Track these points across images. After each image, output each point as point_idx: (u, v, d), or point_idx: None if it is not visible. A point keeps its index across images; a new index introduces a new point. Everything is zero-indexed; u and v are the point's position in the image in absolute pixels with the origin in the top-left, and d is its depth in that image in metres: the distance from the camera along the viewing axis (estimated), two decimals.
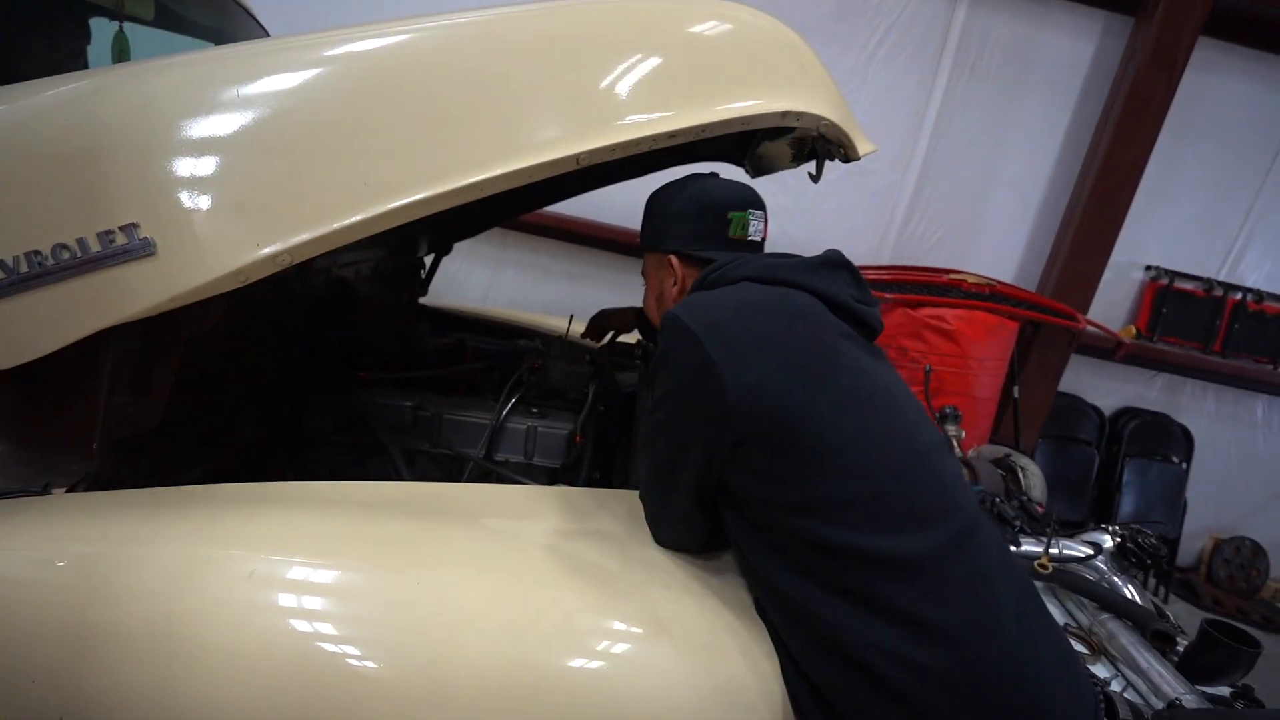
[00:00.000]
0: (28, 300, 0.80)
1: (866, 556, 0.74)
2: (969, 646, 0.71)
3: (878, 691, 0.72)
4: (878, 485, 0.76)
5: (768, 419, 0.78)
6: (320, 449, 1.51)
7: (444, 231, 2.02)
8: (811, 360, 0.81)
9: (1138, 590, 1.30)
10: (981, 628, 0.73)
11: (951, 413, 2.37)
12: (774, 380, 0.78)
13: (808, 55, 1.09)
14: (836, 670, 0.74)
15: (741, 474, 0.81)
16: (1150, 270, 3.59)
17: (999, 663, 0.72)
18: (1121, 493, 3.63)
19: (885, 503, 0.76)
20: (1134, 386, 3.76)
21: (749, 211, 1.04)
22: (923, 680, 0.70)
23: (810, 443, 0.77)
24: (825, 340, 0.84)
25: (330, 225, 0.83)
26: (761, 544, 0.81)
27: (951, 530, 0.76)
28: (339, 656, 0.76)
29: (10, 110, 0.84)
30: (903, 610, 0.72)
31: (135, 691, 0.74)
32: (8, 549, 0.81)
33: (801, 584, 0.76)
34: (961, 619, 0.72)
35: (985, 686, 0.71)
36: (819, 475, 0.76)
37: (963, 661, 0.71)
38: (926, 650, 0.71)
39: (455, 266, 3.12)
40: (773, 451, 0.78)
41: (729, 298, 0.88)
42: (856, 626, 0.73)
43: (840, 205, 3.41)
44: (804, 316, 0.86)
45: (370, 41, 0.91)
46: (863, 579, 0.74)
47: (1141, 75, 3.11)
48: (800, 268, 0.93)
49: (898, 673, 0.71)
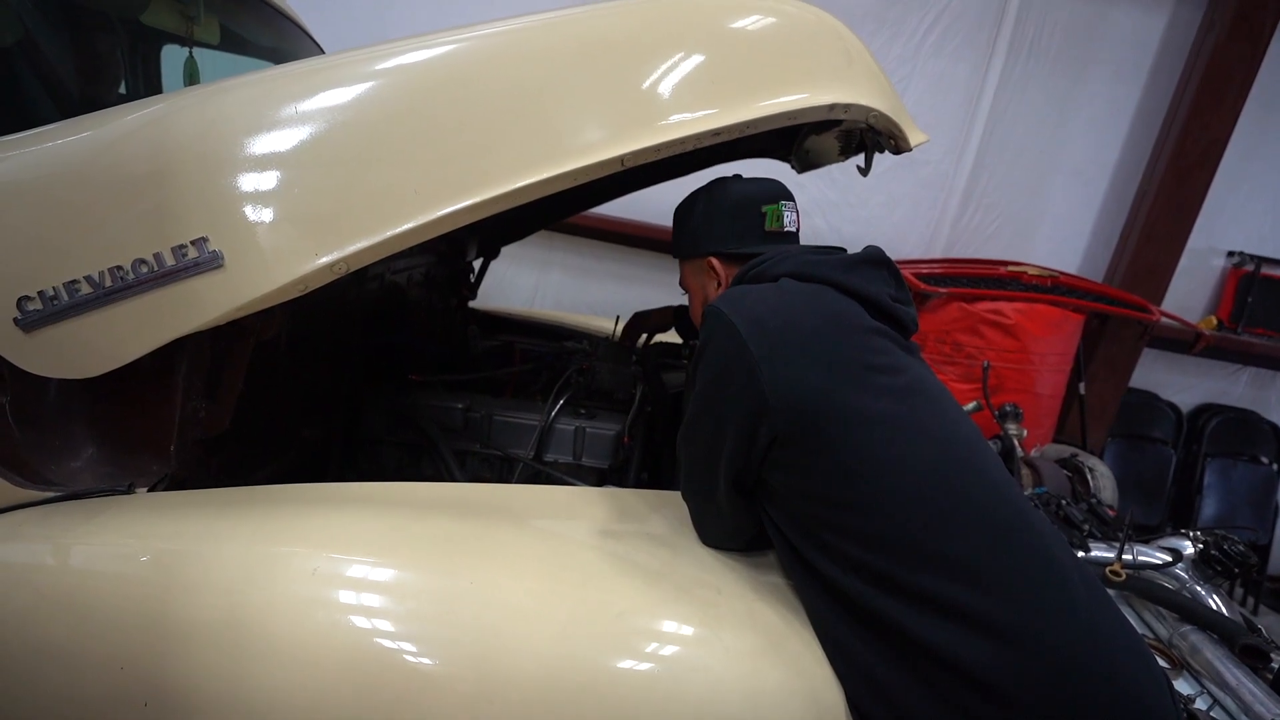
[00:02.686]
0: (112, 313, 0.85)
1: (917, 551, 0.73)
2: (1043, 637, 0.69)
3: (948, 689, 0.69)
4: (919, 482, 0.76)
5: (806, 416, 0.78)
6: (375, 449, 1.56)
7: (491, 236, 2.06)
8: (849, 359, 0.81)
9: (1223, 601, 1.21)
10: (1052, 617, 0.70)
11: (1012, 410, 2.27)
12: (812, 378, 0.78)
13: (855, 45, 1.06)
14: (902, 671, 0.72)
15: (781, 471, 0.81)
16: (1233, 256, 3.35)
17: (1077, 652, 0.69)
18: (1202, 495, 3.39)
19: (928, 499, 0.75)
20: (1215, 381, 3.51)
21: (781, 203, 1.05)
22: (995, 675, 0.68)
23: (849, 440, 0.77)
24: (862, 339, 0.84)
25: (384, 233, 0.86)
26: (805, 541, 0.80)
27: (1000, 521, 0.75)
28: (394, 652, 0.78)
29: (94, 136, 0.90)
30: (964, 605, 0.70)
31: (208, 680, 0.78)
32: (98, 544, 0.87)
33: (850, 581, 0.75)
34: (1030, 610, 0.70)
35: (1067, 678, 0.68)
36: (859, 473, 0.76)
37: (1036, 653, 0.69)
38: (993, 645, 0.69)
39: (503, 270, 3.18)
40: (812, 449, 0.78)
41: (771, 294, 0.88)
42: (918, 623, 0.71)
43: (890, 198, 3.31)
44: (842, 315, 0.86)
45: (417, 54, 0.94)
46: (917, 575, 0.72)
47: (1221, 47, 2.90)
48: (840, 265, 0.93)
49: (965, 666, 0.69)
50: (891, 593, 0.73)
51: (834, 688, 0.77)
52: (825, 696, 0.77)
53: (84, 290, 0.84)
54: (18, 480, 0.91)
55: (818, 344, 0.81)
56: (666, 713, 0.76)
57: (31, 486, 0.92)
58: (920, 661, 0.71)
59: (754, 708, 0.76)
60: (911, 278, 2.93)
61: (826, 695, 0.77)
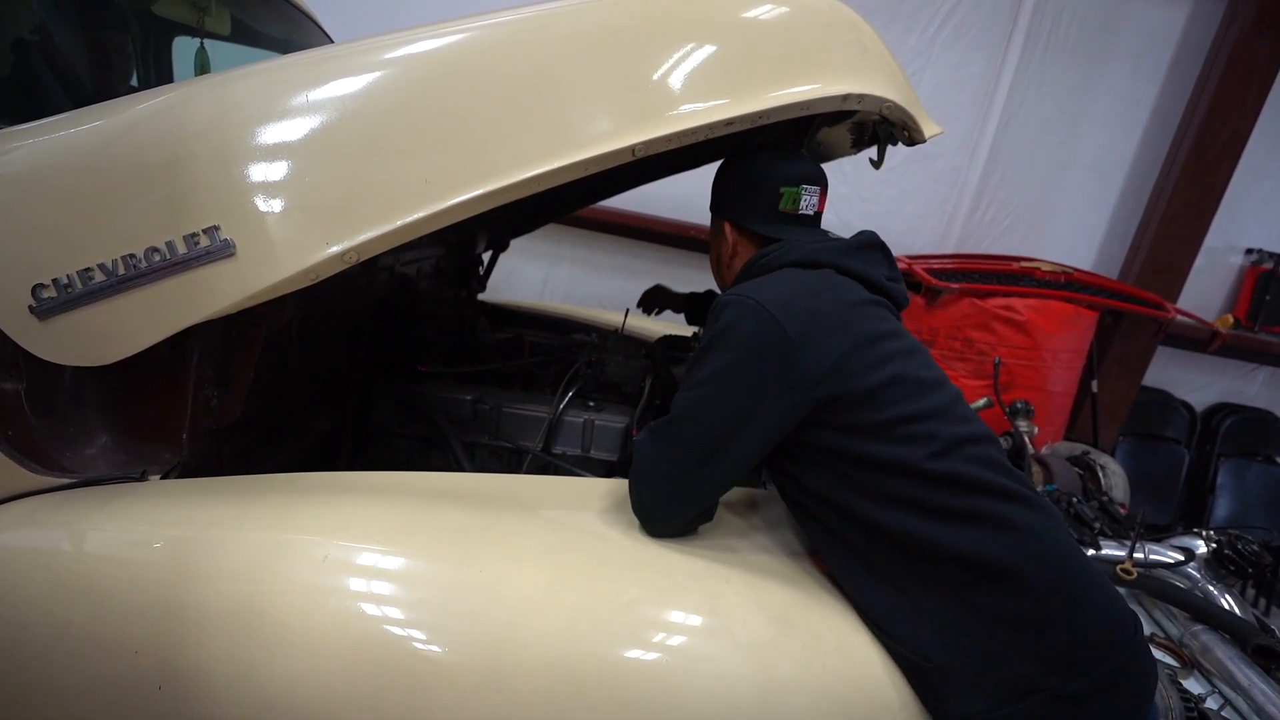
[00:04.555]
0: (125, 301, 0.86)
1: (938, 478, 0.85)
2: (1043, 531, 0.84)
3: (974, 593, 0.81)
4: (929, 422, 0.89)
5: (844, 382, 0.88)
6: (384, 440, 1.57)
7: (501, 228, 2.06)
8: (863, 331, 0.92)
9: (1236, 601, 1.20)
10: (1043, 514, 0.86)
11: (1023, 407, 2.25)
12: (841, 349, 0.89)
13: (869, 35, 1.05)
14: (935, 593, 0.83)
15: (826, 430, 0.90)
16: (1252, 254, 3.30)
17: (1067, 546, 0.86)
18: (1215, 495, 3.36)
19: (935, 435, 0.87)
20: (1231, 381, 3.47)
21: (801, 187, 1.08)
22: (1015, 562, 0.81)
23: (876, 396, 0.88)
24: (866, 311, 0.96)
25: (394, 223, 0.86)
26: (839, 486, 0.90)
27: (983, 445, 0.90)
28: (404, 640, 0.79)
29: (106, 125, 0.91)
30: (983, 510, 0.83)
31: (221, 665, 0.79)
32: (112, 530, 0.88)
33: (885, 512, 0.86)
34: (1028, 511, 0.85)
35: (1064, 565, 0.83)
36: (887, 419, 0.88)
37: (1043, 543, 0.83)
38: (1011, 538, 0.82)
39: (512, 262, 3.18)
40: (849, 405, 0.88)
41: (788, 283, 0.96)
42: (944, 533, 0.83)
43: (902, 192, 3.28)
44: (847, 294, 0.97)
45: (426, 43, 0.93)
46: (940, 495, 0.84)
47: (1245, 40, 2.85)
48: (840, 250, 1.03)
49: (990, 561, 0.81)
50: (921, 514, 0.84)
51: (843, 680, 0.77)
52: (835, 688, 0.77)
53: (98, 278, 0.85)
54: (34, 467, 0.92)
55: (839, 320, 0.91)
56: (675, 702, 0.76)
57: (47, 473, 0.93)
58: (948, 569, 0.82)
59: (763, 698, 0.76)
60: (923, 273, 2.91)
61: (836, 687, 0.77)
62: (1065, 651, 0.79)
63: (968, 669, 0.79)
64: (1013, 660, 0.78)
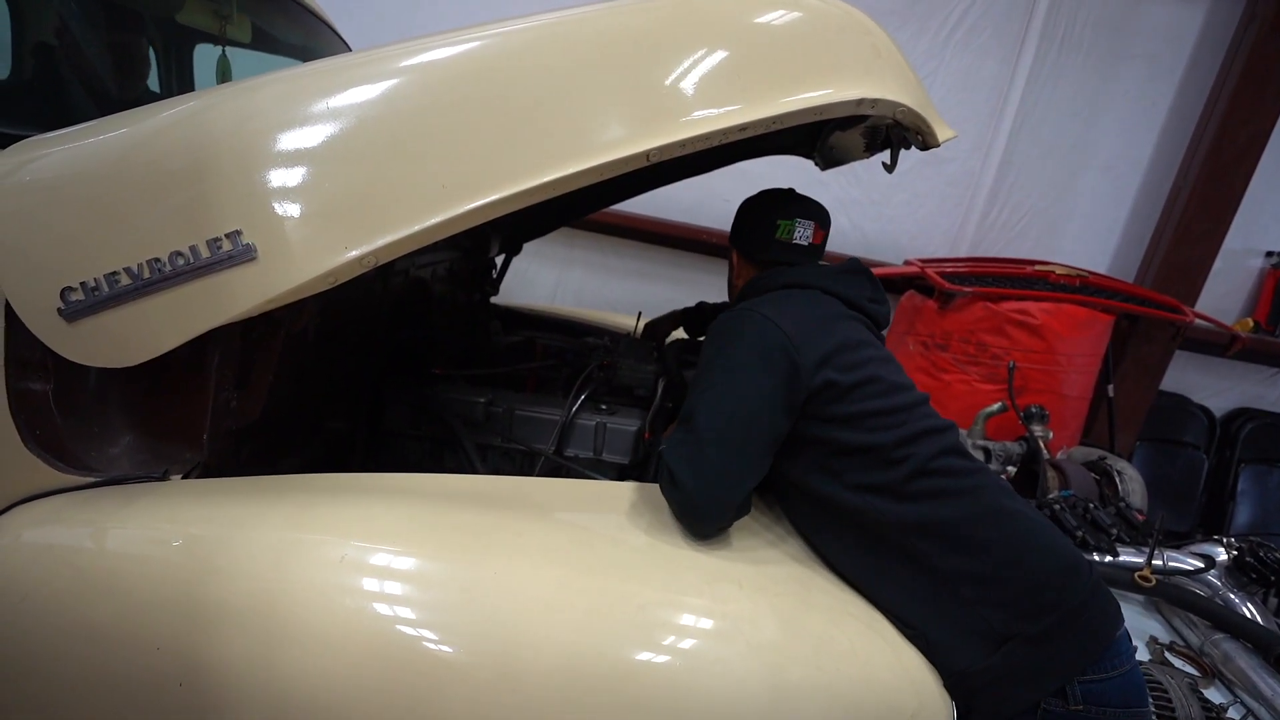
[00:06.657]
0: (149, 304, 0.87)
1: (909, 465, 0.98)
2: (993, 500, 0.98)
3: (940, 557, 0.93)
4: (897, 414, 1.03)
5: (828, 374, 1.02)
6: (398, 441, 1.58)
7: (514, 232, 2.07)
8: (843, 338, 1.07)
9: (1258, 609, 1.18)
10: (994, 488, 1.00)
11: (1037, 412, 2.23)
12: (827, 348, 1.03)
13: (882, 39, 1.05)
14: (906, 565, 0.94)
15: (804, 422, 1.03)
16: (1272, 256, 3.25)
17: (1016, 505, 0.98)
18: (1235, 501, 3.31)
19: (903, 424, 1.01)
20: (1251, 386, 3.42)
21: (796, 220, 1.24)
22: (974, 528, 0.95)
23: (855, 390, 1.02)
24: (848, 325, 1.13)
25: (411, 227, 0.87)
26: (819, 474, 1.03)
27: (945, 435, 1.03)
28: (417, 640, 0.80)
29: (131, 132, 0.93)
30: (948, 488, 0.97)
31: (239, 663, 0.81)
32: (134, 528, 0.89)
33: (859, 497, 0.98)
34: (982, 485, 0.99)
35: (1013, 521, 0.96)
36: (863, 411, 1.01)
37: (993, 510, 0.97)
38: (965, 504, 0.96)
39: (524, 266, 3.20)
40: (834, 398, 1.02)
41: (781, 298, 1.13)
42: (918, 511, 0.95)
43: (914, 196, 3.26)
44: (830, 309, 1.13)
45: (444, 50, 0.94)
46: (914, 481, 0.97)
47: (1263, 40, 2.82)
48: (828, 275, 1.19)
49: (953, 525, 0.95)
50: (892, 494, 0.97)
51: (855, 684, 0.77)
52: (848, 692, 0.77)
53: (123, 281, 0.86)
54: (60, 466, 0.94)
55: (826, 330, 1.07)
56: (687, 704, 0.76)
57: (72, 472, 0.95)
58: (916, 540, 0.94)
59: (775, 701, 0.76)
60: (936, 276, 2.89)
61: (849, 691, 0.77)
62: (1027, 595, 0.90)
63: (947, 630, 0.90)
64: (984, 611, 0.90)
